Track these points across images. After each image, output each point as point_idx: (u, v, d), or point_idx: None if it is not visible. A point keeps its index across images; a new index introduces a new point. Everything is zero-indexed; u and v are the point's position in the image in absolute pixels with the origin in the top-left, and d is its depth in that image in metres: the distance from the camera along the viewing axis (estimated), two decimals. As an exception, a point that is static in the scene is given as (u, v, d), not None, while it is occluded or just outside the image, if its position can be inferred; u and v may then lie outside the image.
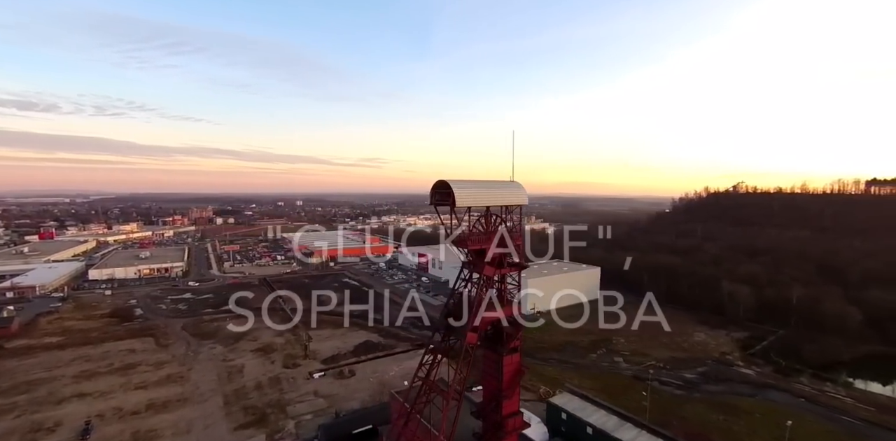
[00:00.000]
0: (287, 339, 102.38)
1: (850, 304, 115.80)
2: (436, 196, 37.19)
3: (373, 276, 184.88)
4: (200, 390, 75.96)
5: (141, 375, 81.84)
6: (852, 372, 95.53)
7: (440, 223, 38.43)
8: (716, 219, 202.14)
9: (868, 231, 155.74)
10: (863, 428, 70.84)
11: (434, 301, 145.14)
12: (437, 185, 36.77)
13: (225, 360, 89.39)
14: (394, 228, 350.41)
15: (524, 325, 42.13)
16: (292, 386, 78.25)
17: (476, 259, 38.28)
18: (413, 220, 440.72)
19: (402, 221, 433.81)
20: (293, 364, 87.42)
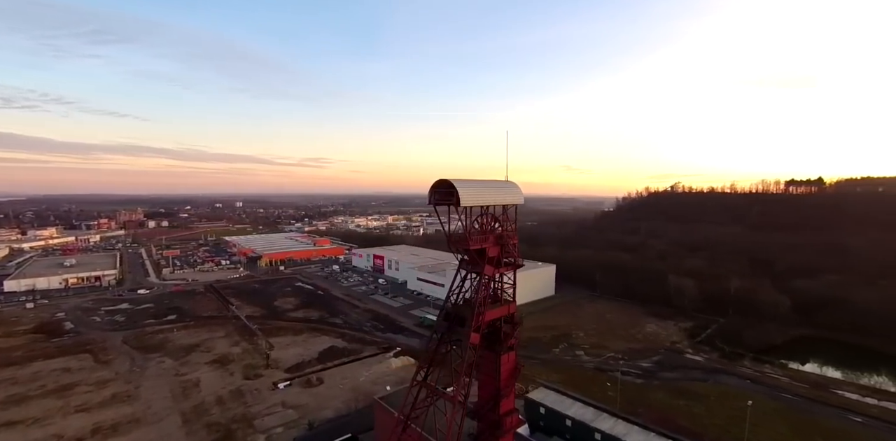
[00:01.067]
0: (244, 348, 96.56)
1: (780, 293, 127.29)
2: (435, 195, 36.27)
3: (327, 279, 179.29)
4: (154, 409, 69.67)
5: (81, 397, 73.73)
6: (786, 354, 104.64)
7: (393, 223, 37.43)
8: (657, 217, 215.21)
9: (789, 226, 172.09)
10: (801, 403, 77.74)
11: (394, 303, 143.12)
12: (437, 185, 35.91)
13: (177, 375, 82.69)
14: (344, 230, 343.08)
15: (521, 323, 42.10)
16: (257, 398, 73.78)
17: (476, 259, 37.75)
18: (363, 221, 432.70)
19: (351, 222, 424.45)
20: (255, 375, 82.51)
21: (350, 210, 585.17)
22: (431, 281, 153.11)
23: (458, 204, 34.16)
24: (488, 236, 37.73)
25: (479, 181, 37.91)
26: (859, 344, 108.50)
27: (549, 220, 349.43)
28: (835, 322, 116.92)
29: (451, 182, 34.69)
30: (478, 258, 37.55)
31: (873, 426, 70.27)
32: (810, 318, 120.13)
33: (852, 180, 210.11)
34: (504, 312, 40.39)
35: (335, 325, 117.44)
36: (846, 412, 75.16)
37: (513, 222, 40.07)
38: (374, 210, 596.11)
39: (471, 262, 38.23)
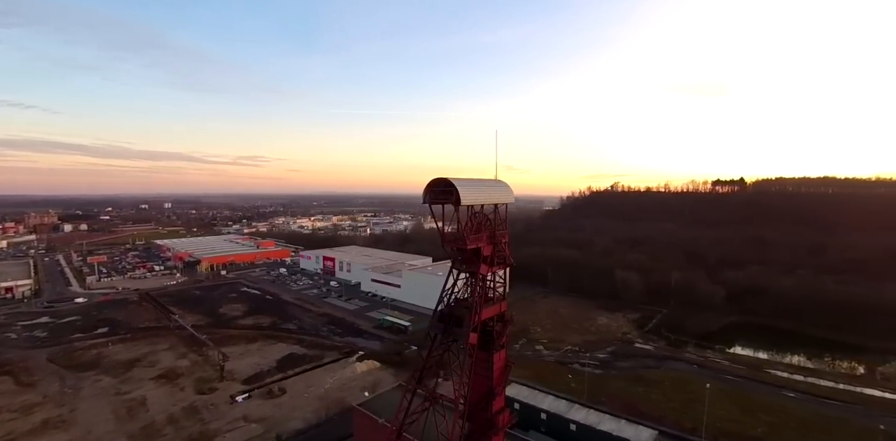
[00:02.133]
0: (193, 360, 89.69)
1: (714, 284, 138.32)
2: (430, 194, 35.45)
3: (274, 283, 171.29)
4: (95, 434, 62.77)
5: (5, 425, 64.88)
6: (723, 339, 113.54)
7: (338, 223, 36.60)
8: (600, 214, 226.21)
9: (717, 222, 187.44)
10: (742, 383, 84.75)
11: (349, 305, 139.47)
12: (434, 183, 35.12)
13: (119, 394, 75.12)
14: (288, 231, 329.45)
15: (512, 320, 42.25)
16: (215, 414, 68.74)
17: (471, 258, 37.36)
18: (306, 222, 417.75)
19: (293, 223, 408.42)
20: (209, 389, 76.83)
21: (291, 210, 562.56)
22: (387, 282, 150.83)
23: (458, 203, 33.60)
24: (482, 235, 37.46)
25: (474, 180, 37.58)
26: (782, 327, 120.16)
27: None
28: (760, 308, 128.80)
29: (449, 180, 34.08)
30: (473, 257, 37.16)
31: (804, 400, 78.10)
32: (740, 306, 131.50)
33: (768, 180, 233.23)
34: (497, 311, 40.38)
35: (290, 330, 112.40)
36: (780, 389, 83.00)
37: (503, 221, 40.08)
38: (317, 210, 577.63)
39: (465, 261, 37.76)
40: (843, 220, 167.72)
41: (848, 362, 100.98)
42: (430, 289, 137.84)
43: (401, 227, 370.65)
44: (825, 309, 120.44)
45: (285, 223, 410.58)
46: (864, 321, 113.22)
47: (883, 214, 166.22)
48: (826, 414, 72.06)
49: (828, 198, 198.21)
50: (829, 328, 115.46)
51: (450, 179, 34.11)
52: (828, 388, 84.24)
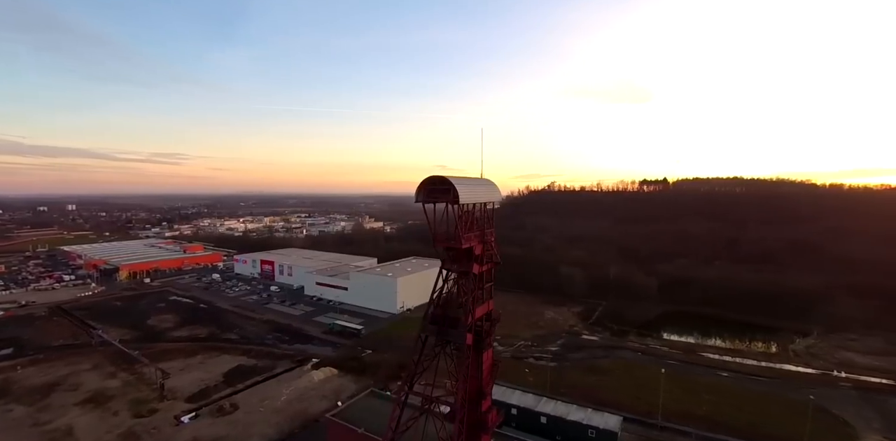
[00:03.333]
0: (125, 380, 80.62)
1: (648, 276, 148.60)
2: (424, 192, 34.32)
3: (208, 290, 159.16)
4: (12, 471, 54.33)
5: None
6: (659, 327, 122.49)
7: (271, 224, 35.46)
8: (540, 213, 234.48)
9: (646, 219, 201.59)
10: (681, 367, 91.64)
11: (293, 311, 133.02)
12: (428, 181, 34.01)
13: (37, 425, 65.55)
14: (216, 234, 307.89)
15: (499, 319, 42.12)
16: (159, 438, 62.15)
17: (463, 257, 36.67)
18: (235, 224, 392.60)
19: (220, 225, 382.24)
20: (148, 410, 69.36)
21: (216, 211, 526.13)
22: (333, 285, 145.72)
23: (456, 202, 32.78)
24: (473, 234, 36.92)
25: (467, 179, 36.92)
26: (707, 314, 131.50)
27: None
28: (688, 297, 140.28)
29: (446, 178, 33.18)
30: (465, 257, 36.51)
31: (736, 378, 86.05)
32: (671, 296, 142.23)
33: (686, 180, 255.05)
34: (486, 309, 40.03)
35: (232, 341, 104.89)
36: (714, 369, 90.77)
37: (490, 219, 39.82)
38: (246, 211, 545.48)
39: (456, 260, 36.98)
40: (752, 216, 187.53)
41: (764, 342, 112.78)
42: (379, 290, 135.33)
43: (338, 227, 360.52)
44: (742, 296, 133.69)
45: (212, 225, 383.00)
46: (775, 305, 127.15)
47: (784, 211, 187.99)
48: (757, 389, 79.88)
49: (738, 196, 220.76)
50: (746, 313, 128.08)
51: (446, 177, 33.22)
52: (753, 366, 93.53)
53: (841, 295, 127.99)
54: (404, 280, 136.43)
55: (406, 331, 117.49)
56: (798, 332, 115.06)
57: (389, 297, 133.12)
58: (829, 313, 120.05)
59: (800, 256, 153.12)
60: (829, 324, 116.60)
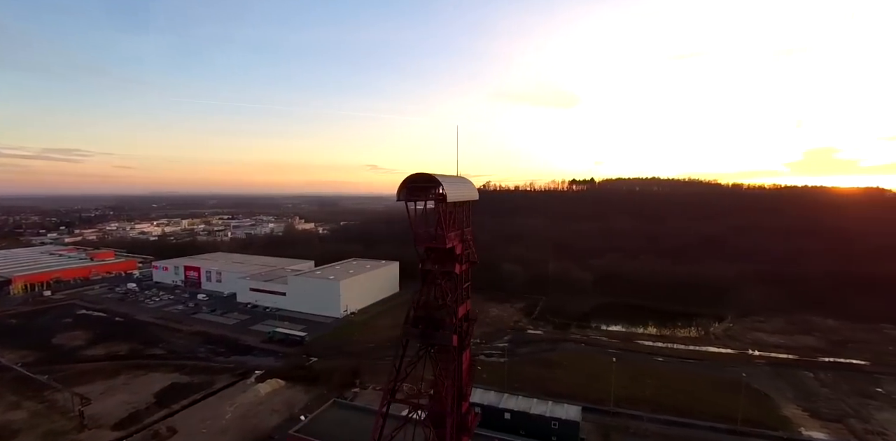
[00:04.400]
0: (33, 409, 69.78)
1: (583, 271, 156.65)
2: (407, 190, 33.04)
3: (123, 301, 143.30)
4: None
5: None
6: (597, 318, 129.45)
7: (190, 227, 34.07)
8: (477, 212, 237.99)
9: (577, 217, 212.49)
10: (622, 354, 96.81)
11: (226, 320, 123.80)
12: (412, 179, 32.76)
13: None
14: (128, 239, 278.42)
15: (476, 318, 41.73)
16: (82, 471, 54.61)
17: (445, 258, 35.81)
18: (148, 227, 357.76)
19: (131, 229, 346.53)
20: (66, 441, 60.74)
21: (125, 214, 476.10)
22: (269, 290, 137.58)
23: (444, 200, 31.85)
24: (454, 233, 36.19)
25: (448, 177, 36.02)
26: (637, 304, 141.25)
27: (371, 218, 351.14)
28: (619, 289, 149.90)
29: (432, 176, 32.14)
30: (448, 257, 35.68)
31: (671, 362, 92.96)
32: (604, 288, 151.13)
33: (610, 180, 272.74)
34: (465, 310, 39.50)
35: (159, 357, 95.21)
36: (651, 355, 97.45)
37: (468, 218, 39.35)
38: (159, 213, 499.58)
39: (438, 261, 36.01)
40: (669, 213, 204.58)
41: (687, 328, 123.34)
42: (321, 294, 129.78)
43: (267, 229, 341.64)
44: (665, 286, 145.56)
45: (120, 229, 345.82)
46: (693, 294, 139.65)
47: (695, 208, 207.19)
48: (689, 371, 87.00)
49: (655, 195, 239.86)
50: (670, 301, 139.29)
51: (432, 175, 32.18)
52: (682, 350, 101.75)
53: (748, 283, 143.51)
54: (347, 283, 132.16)
55: (353, 335, 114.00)
56: (715, 318, 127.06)
57: (332, 301, 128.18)
58: (740, 299, 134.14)
59: (711, 249, 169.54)
60: (740, 309, 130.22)
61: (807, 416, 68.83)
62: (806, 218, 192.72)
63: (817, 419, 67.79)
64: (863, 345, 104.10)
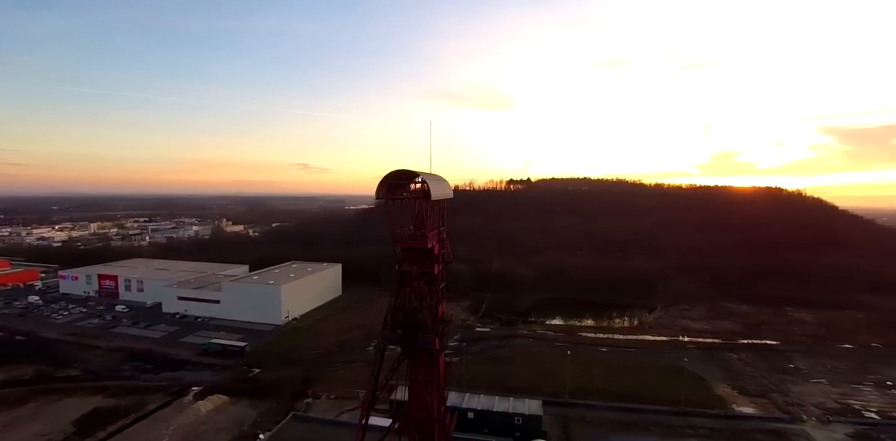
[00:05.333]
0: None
1: (526, 268, 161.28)
2: (385, 188, 31.51)
3: (24, 317, 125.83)
4: None
5: None
6: (541, 313, 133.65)
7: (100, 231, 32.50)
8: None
9: (517, 215, 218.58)
10: (568, 347, 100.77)
11: (152, 333, 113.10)
12: (392, 176, 31.24)
13: None
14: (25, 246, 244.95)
15: (451, 320, 40.90)
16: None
17: (424, 258, 34.63)
18: (50, 232, 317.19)
19: (27, 234, 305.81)
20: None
21: (19, 217, 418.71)
22: (201, 298, 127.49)
23: (428, 197, 30.68)
24: (432, 233, 35.12)
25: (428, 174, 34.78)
26: (576, 298, 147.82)
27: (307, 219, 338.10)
28: (560, 284, 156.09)
29: (415, 173, 30.88)
30: (426, 257, 34.53)
31: (614, 352, 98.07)
32: (546, 284, 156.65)
33: (545, 180, 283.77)
34: (441, 311, 38.53)
35: (75, 378, 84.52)
36: (595, 346, 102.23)
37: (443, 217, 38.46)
38: (63, 216, 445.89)
39: (416, 261, 34.74)
40: (601, 211, 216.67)
41: (623, 318, 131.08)
42: (260, 301, 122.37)
43: (191, 232, 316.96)
44: (601, 280, 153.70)
45: (15, 235, 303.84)
46: (626, 286, 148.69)
47: (624, 206, 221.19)
48: (633, 359, 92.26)
49: (587, 194, 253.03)
50: (606, 294, 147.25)
51: (416, 172, 30.92)
52: (622, 340, 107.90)
53: (673, 274, 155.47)
54: (289, 287, 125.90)
55: (297, 342, 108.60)
56: (647, 308, 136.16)
57: (273, 307, 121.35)
58: (667, 290, 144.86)
59: (640, 244, 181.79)
60: (668, 298, 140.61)
61: (736, 394, 75.51)
62: (717, 214, 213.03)
63: (745, 396, 74.61)
64: (772, 326, 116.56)
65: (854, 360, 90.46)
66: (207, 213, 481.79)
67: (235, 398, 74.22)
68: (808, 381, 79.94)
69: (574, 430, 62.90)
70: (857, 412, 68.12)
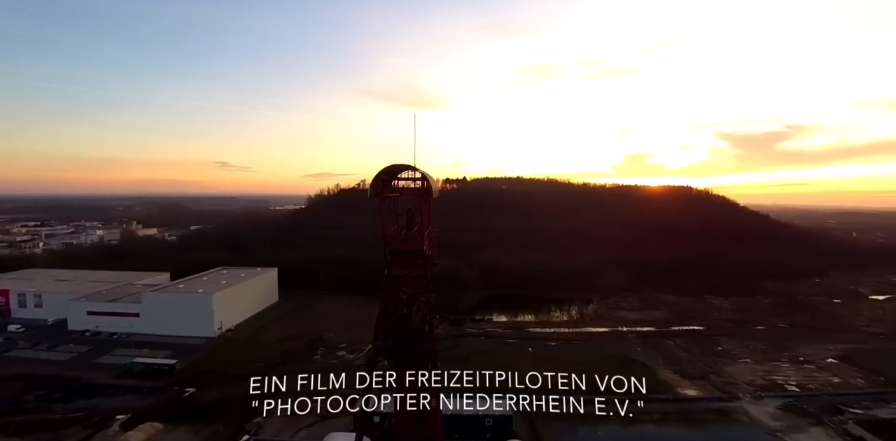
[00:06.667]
0: None
1: (469, 266, 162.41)
2: (380, 184, 29.12)
3: None
4: None
5: None
6: (487, 311, 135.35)
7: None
8: (356, 211, 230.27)
9: (455, 214, 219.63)
10: (519, 343, 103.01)
11: (58, 355, 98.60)
12: (388, 171, 28.84)
13: None
14: None
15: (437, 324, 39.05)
16: None
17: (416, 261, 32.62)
18: None
19: None
20: None
21: None
22: (117, 312, 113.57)
23: (430, 195, 28.69)
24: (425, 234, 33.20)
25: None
26: (519, 294, 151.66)
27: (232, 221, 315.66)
28: (502, 282, 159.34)
29: (415, 168, 28.71)
30: (419, 260, 32.56)
31: (564, 345, 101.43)
32: (489, 282, 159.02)
33: (479, 179, 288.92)
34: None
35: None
36: (544, 341, 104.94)
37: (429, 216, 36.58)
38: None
39: (407, 265, 32.64)
40: (536, 209, 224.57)
41: (565, 312, 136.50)
42: (188, 312, 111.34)
43: (94, 238, 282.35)
44: (540, 276, 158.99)
45: None
46: (564, 281, 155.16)
47: (556, 204, 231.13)
48: (582, 351, 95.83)
49: (521, 193, 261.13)
50: (545, 290, 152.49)
51: (415, 167, 28.77)
52: (568, 333, 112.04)
53: (606, 268, 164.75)
54: (221, 295, 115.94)
55: (235, 355, 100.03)
56: (585, 301, 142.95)
57: (204, 319, 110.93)
58: (602, 283, 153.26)
59: (574, 241, 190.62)
60: (603, 291, 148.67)
61: (679, 378, 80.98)
62: (638, 211, 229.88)
63: (687, 379, 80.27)
64: (696, 313, 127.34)
65: (769, 340, 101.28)
66: (113, 216, 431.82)
67: (172, 425, 66.21)
68: (737, 362, 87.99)
69: (541, 424, 63.64)
70: (781, 387, 76.02)
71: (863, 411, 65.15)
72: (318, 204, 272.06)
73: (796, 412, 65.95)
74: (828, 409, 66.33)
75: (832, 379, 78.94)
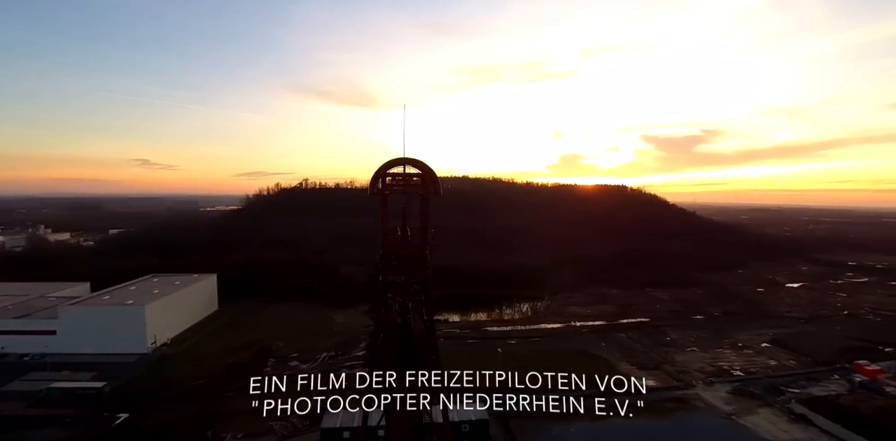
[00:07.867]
0: None
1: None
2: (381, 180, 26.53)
3: None
4: None
5: None
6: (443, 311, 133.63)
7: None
8: (297, 212, 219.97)
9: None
10: (480, 343, 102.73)
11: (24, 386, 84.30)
12: (391, 164, 26.28)
13: None
14: None
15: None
16: None
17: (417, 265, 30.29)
18: None
19: None
20: None
21: None
22: (28, 330, 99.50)
23: (437, 192, 26.45)
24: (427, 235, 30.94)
25: (419, 166, 30.28)
26: (474, 293, 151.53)
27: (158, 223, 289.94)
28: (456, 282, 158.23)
29: (419, 162, 26.34)
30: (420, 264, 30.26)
31: (523, 343, 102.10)
32: (441, 282, 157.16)
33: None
34: (425, 323, 34.39)
35: None
36: (504, 340, 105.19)
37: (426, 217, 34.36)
38: None
39: (405, 269, 30.22)
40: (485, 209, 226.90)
41: (519, 310, 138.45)
42: (116, 327, 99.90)
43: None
44: (493, 275, 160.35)
45: None
46: (516, 279, 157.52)
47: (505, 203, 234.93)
48: (541, 348, 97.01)
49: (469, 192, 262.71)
50: (499, 288, 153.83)
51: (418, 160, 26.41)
52: (525, 330, 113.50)
53: (553, 265, 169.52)
54: (154, 306, 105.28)
55: (172, 372, 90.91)
56: (536, 298, 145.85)
57: (135, 333, 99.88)
58: (551, 280, 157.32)
59: (524, 239, 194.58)
60: (553, 288, 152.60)
61: (636, 369, 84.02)
62: (578, 209, 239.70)
63: (643, 370, 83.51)
64: (640, 306, 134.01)
65: (709, 329, 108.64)
66: (14, 219, 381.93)
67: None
68: (685, 351, 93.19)
69: (515, 425, 63.16)
70: (728, 372, 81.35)
71: (800, 391, 71.24)
72: (256, 204, 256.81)
73: (744, 395, 70.71)
74: (770, 390, 71.85)
75: (769, 361, 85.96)
